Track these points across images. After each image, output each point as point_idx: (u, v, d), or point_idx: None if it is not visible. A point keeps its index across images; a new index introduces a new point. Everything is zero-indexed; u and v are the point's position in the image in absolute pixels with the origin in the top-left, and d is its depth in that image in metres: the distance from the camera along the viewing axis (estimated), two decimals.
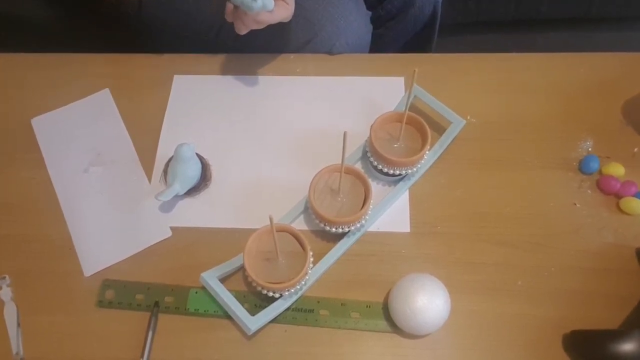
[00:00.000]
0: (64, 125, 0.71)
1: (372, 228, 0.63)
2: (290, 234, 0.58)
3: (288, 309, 0.58)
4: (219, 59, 0.76)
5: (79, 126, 0.71)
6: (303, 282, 0.57)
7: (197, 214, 0.65)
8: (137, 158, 0.68)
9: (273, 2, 0.60)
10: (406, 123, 0.61)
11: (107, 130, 0.71)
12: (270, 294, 0.56)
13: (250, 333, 0.55)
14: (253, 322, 0.55)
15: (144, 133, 0.70)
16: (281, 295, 0.57)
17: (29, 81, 0.75)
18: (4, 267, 0.62)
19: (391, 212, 0.64)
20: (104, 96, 0.73)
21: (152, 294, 0.59)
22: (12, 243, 0.63)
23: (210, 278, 0.58)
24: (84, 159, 0.68)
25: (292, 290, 0.56)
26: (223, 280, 0.59)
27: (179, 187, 0.62)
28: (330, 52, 0.76)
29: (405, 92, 0.72)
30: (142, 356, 0.55)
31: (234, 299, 0.56)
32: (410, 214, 0.64)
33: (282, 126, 0.71)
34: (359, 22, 0.80)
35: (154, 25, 0.84)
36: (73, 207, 0.65)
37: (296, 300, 0.59)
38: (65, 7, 0.96)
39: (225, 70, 0.75)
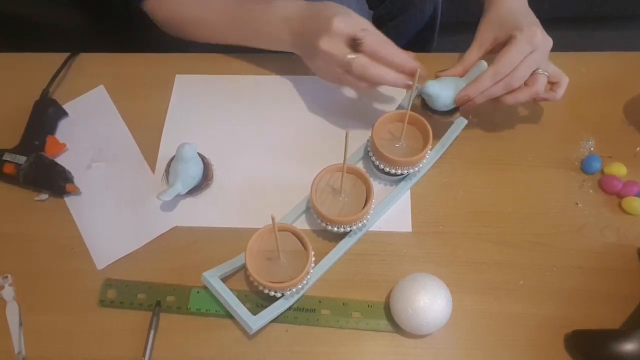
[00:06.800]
0: (63, 124, 0.71)
1: (374, 228, 0.63)
2: (292, 233, 0.58)
3: (289, 308, 0.58)
4: (220, 58, 0.76)
5: (79, 124, 0.71)
6: (305, 282, 0.57)
7: (199, 213, 0.65)
8: (139, 151, 0.69)
9: None
10: (408, 123, 0.61)
11: (106, 126, 0.71)
12: (272, 293, 0.56)
13: (252, 332, 0.55)
14: (254, 322, 0.55)
15: (146, 133, 0.70)
16: (283, 295, 0.57)
17: (29, 81, 0.74)
18: (6, 266, 0.62)
19: (393, 212, 0.64)
20: (99, 93, 0.73)
21: (154, 293, 0.59)
22: (13, 242, 0.63)
23: (212, 277, 0.58)
24: (85, 155, 0.68)
25: (294, 290, 0.56)
26: (225, 279, 0.59)
27: (181, 187, 0.62)
28: None
29: (407, 91, 0.72)
30: (143, 355, 0.55)
31: (235, 299, 0.56)
32: (412, 213, 0.64)
33: (284, 126, 0.71)
34: None
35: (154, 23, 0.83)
36: (79, 203, 0.65)
37: (298, 300, 0.59)
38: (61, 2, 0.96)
39: (226, 70, 0.75)
